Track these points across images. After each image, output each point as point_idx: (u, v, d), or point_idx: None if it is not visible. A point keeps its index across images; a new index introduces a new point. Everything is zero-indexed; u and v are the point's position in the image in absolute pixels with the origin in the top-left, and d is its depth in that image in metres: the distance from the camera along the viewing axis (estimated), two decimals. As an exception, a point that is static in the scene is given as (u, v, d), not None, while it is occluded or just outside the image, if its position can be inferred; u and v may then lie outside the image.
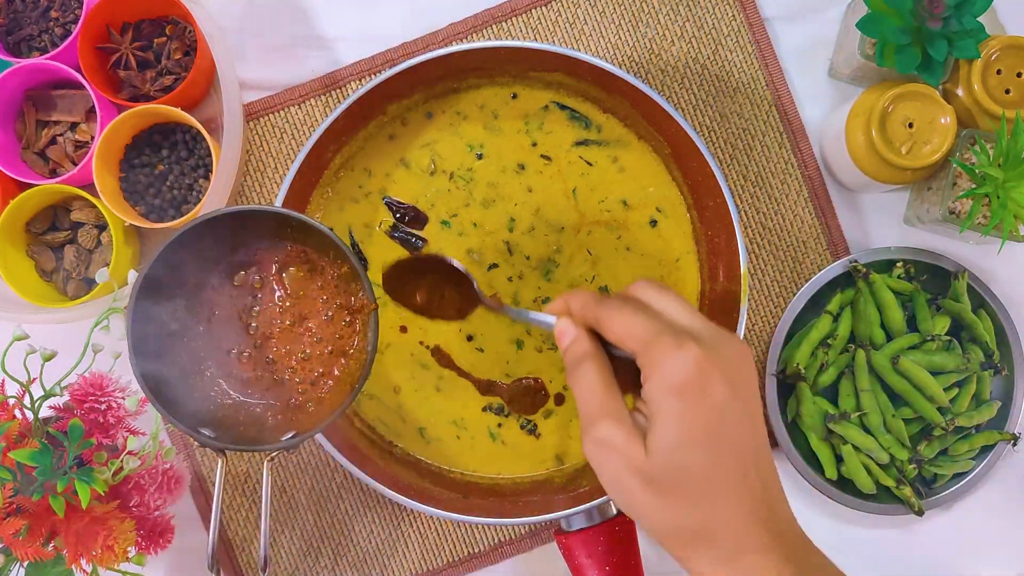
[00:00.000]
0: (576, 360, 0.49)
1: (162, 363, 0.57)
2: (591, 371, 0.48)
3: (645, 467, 0.45)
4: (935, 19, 0.63)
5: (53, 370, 0.63)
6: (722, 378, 0.45)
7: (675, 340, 0.45)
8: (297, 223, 0.58)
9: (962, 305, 0.72)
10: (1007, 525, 0.76)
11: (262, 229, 0.59)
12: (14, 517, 0.59)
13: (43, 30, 0.72)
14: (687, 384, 0.44)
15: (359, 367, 0.59)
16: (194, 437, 0.55)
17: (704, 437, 0.44)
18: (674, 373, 0.44)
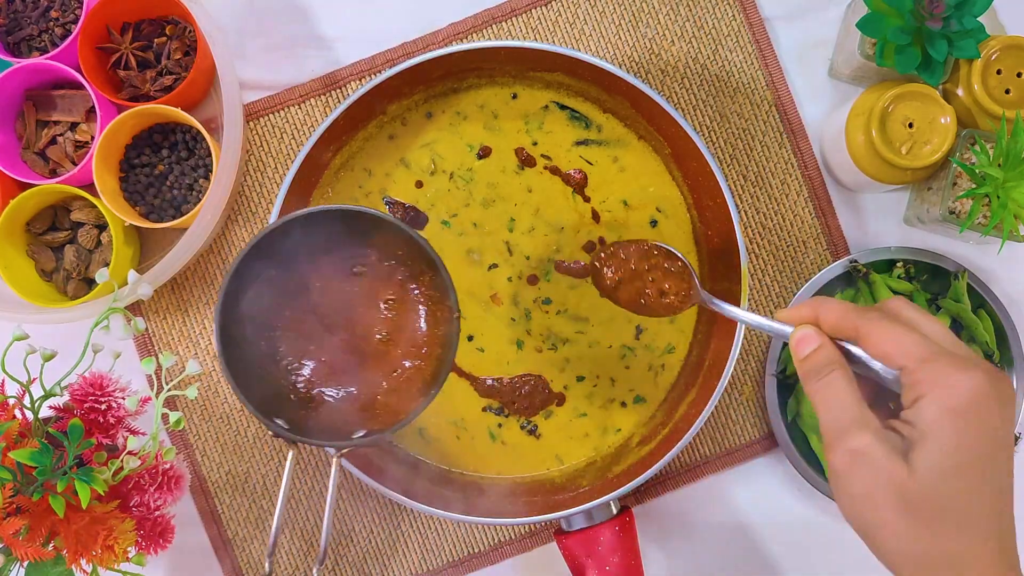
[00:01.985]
0: (820, 368, 0.47)
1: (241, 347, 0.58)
2: (842, 380, 0.46)
3: (908, 487, 0.43)
4: (935, 19, 0.63)
5: (53, 370, 0.63)
6: (999, 409, 0.43)
7: (960, 361, 0.43)
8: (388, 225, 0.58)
9: (962, 305, 0.72)
10: (1007, 525, 0.75)
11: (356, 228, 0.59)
12: (14, 517, 0.59)
13: (43, 30, 0.72)
14: (970, 408, 0.42)
15: (435, 372, 0.60)
16: (269, 427, 0.56)
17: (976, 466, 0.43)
18: (958, 394, 0.43)
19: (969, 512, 0.43)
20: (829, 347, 0.48)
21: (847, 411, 0.45)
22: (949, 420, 0.43)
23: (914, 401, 0.44)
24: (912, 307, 0.48)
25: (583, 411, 0.72)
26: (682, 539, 0.76)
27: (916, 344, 0.45)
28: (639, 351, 0.72)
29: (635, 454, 0.70)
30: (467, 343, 0.72)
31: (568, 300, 0.72)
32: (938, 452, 0.42)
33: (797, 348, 0.49)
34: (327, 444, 0.57)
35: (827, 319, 0.49)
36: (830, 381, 0.46)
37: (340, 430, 0.59)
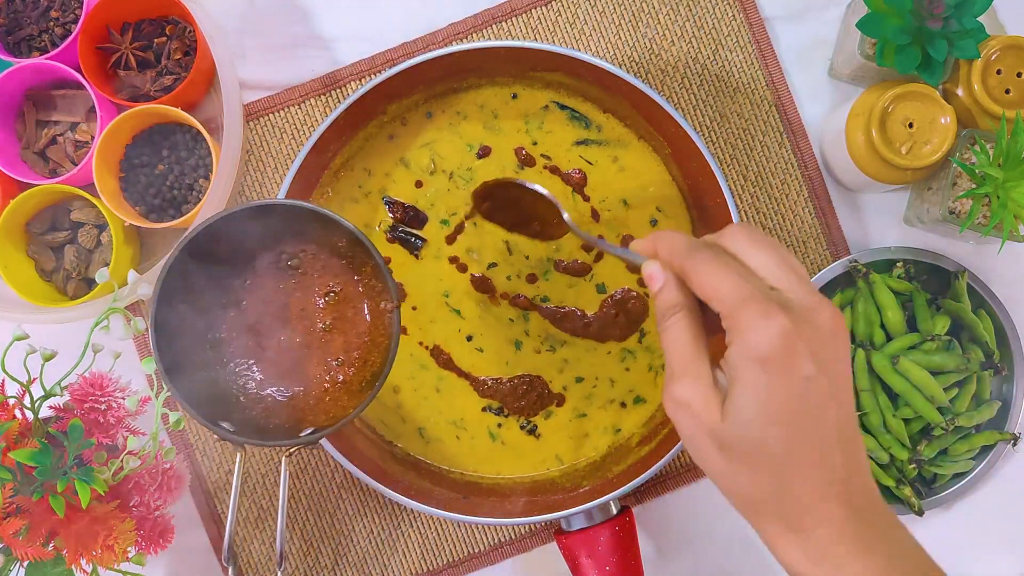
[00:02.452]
0: (664, 310, 0.47)
1: (184, 351, 0.57)
2: (679, 324, 0.46)
3: (720, 432, 0.44)
4: (935, 19, 0.63)
5: (53, 370, 0.63)
6: (808, 353, 0.42)
7: (762, 308, 0.43)
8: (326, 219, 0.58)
9: (962, 305, 0.72)
10: (1007, 525, 0.76)
11: (296, 223, 0.59)
12: (14, 517, 0.59)
13: (43, 30, 0.72)
14: (770, 358, 0.42)
15: (380, 365, 0.60)
16: (213, 430, 0.56)
17: (783, 414, 0.43)
18: (758, 344, 0.42)
19: (784, 457, 0.43)
20: (672, 287, 0.47)
21: (678, 356, 0.46)
22: (750, 369, 0.43)
23: (728, 346, 0.44)
24: (747, 233, 0.47)
25: (583, 411, 0.72)
26: (682, 539, 0.76)
27: (732, 287, 0.44)
28: (639, 352, 0.72)
29: (635, 454, 0.70)
30: (466, 343, 0.72)
31: (567, 299, 0.72)
32: (742, 400, 0.43)
33: (648, 284, 0.49)
34: (273, 444, 0.57)
35: (661, 254, 0.48)
36: (670, 325, 0.46)
37: (288, 429, 0.58)
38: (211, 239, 0.57)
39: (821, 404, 0.43)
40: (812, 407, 0.43)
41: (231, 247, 0.59)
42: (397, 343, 0.59)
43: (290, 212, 0.58)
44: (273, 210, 0.58)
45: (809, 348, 0.43)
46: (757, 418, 0.43)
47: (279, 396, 0.60)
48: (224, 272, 0.59)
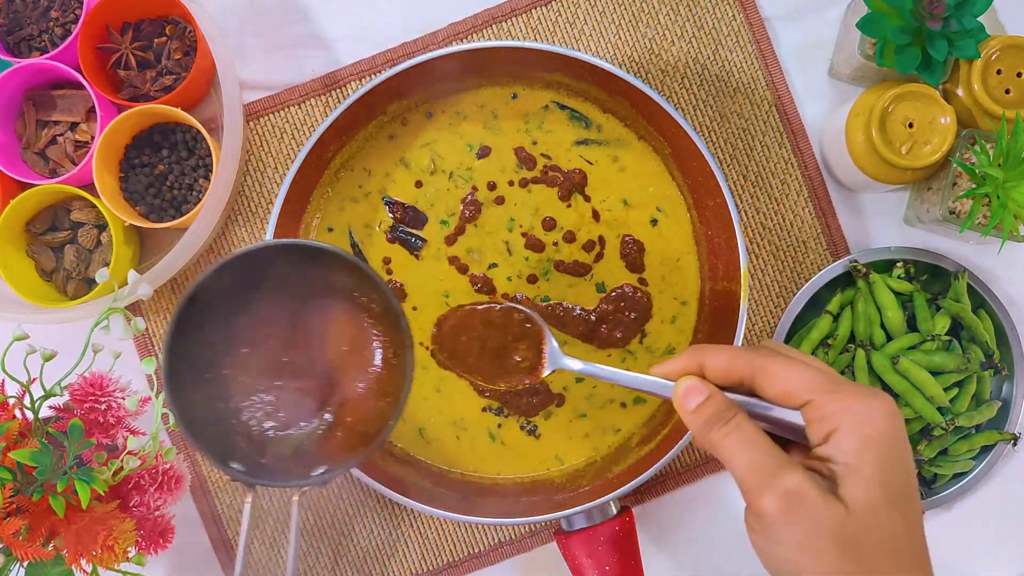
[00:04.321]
0: (719, 415, 0.44)
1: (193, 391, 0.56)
2: (749, 423, 0.43)
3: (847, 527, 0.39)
4: (935, 19, 0.63)
5: (53, 370, 0.63)
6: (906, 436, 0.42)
7: (864, 389, 0.41)
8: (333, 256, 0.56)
9: (962, 305, 0.72)
10: (1007, 525, 0.76)
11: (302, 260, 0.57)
12: (14, 517, 0.59)
13: (43, 30, 0.72)
14: (887, 435, 0.40)
15: (393, 402, 0.58)
16: (225, 471, 0.54)
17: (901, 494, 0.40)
18: (874, 422, 0.40)
19: (903, 543, 0.40)
20: (720, 394, 0.45)
21: (766, 453, 0.42)
22: (871, 449, 0.40)
23: (827, 435, 0.41)
24: (786, 346, 0.47)
25: (583, 411, 0.72)
26: (682, 539, 0.76)
27: (818, 376, 0.42)
28: (639, 353, 0.72)
29: (635, 454, 0.70)
30: (467, 343, 0.72)
31: (567, 299, 0.72)
32: (867, 484, 0.40)
33: (684, 401, 0.46)
34: (286, 484, 0.55)
35: (715, 366, 0.46)
36: (736, 426, 0.43)
37: (299, 468, 0.57)
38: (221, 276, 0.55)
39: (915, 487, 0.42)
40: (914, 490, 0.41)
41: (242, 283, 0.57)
42: (411, 380, 0.57)
43: (306, 252, 0.57)
44: (293, 250, 0.57)
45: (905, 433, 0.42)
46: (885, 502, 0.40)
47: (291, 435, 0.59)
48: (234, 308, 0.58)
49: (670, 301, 0.72)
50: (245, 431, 0.58)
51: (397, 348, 0.59)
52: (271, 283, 0.58)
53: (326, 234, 0.72)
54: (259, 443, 0.58)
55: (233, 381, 0.58)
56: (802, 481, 0.40)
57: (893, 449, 0.40)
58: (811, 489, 0.40)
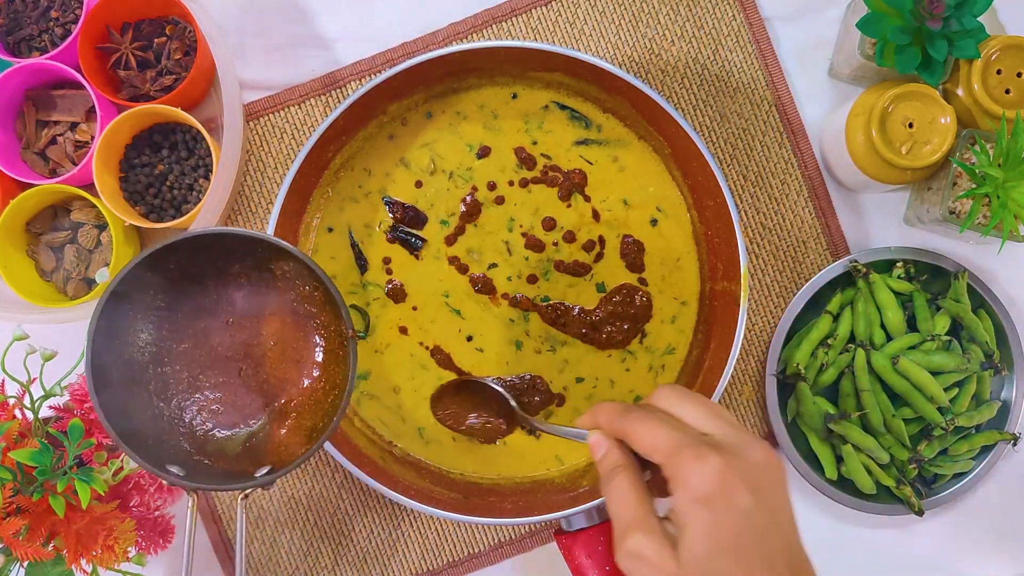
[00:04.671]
0: (608, 472, 0.50)
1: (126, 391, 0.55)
2: (623, 483, 0.49)
3: None
4: (935, 19, 0.63)
5: (53, 370, 0.63)
6: (744, 486, 0.45)
7: (696, 452, 0.45)
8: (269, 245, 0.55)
9: (962, 305, 0.72)
10: (1007, 525, 0.76)
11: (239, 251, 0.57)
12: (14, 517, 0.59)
13: (43, 30, 0.72)
14: (710, 494, 0.45)
15: (339, 395, 0.57)
16: (161, 477, 0.53)
17: (731, 545, 0.44)
18: (697, 485, 0.45)
19: None
20: (614, 451, 0.50)
21: (626, 512, 0.48)
22: (693, 510, 0.45)
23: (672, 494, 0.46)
24: (674, 391, 0.50)
25: (583, 411, 0.72)
26: (682, 539, 0.76)
27: (665, 438, 0.47)
28: (639, 353, 0.72)
29: (635, 454, 0.70)
30: (467, 343, 0.72)
31: (567, 299, 0.72)
32: (692, 542, 0.44)
33: (592, 453, 0.52)
34: (228, 488, 0.54)
35: (601, 423, 0.51)
36: (614, 485, 0.49)
37: (246, 467, 0.56)
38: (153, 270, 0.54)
39: (763, 531, 0.45)
40: (755, 535, 0.45)
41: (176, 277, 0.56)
42: (354, 374, 0.57)
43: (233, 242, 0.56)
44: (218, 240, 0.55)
45: (744, 481, 0.45)
46: (709, 553, 0.44)
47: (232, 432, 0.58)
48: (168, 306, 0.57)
49: (670, 301, 0.72)
50: (188, 431, 0.57)
51: (341, 339, 0.58)
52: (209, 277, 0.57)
53: (326, 234, 0.72)
54: (203, 443, 0.57)
55: (173, 380, 0.57)
56: (641, 542, 0.46)
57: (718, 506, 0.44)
58: (648, 548, 0.46)
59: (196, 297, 0.58)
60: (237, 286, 0.58)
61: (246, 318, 0.59)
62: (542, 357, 0.72)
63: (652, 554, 0.46)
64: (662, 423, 0.48)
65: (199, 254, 0.56)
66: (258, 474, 0.55)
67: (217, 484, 0.55)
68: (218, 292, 0.58)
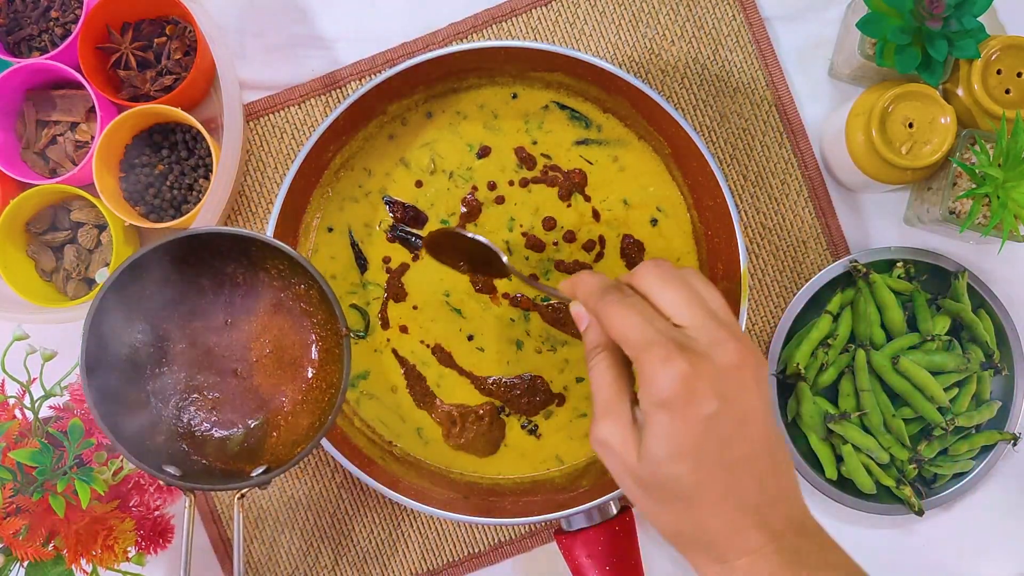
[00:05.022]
0: (589, 350, 0.49)
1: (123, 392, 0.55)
2: (601, 365, 0.48)
3: (637, 471, 0.46)
4: (935, 19, 0.63)
5: (53, 370, 0.63)
6: (710, 391, 0.44)
7: (663, 353, 0.44)
8: (263, 244, 0.56)
9: (962, 305, 0.72)
10: (1007, 525, 0.76)
11: (233, 251, 0.57)
12: (14, 517, 0.59)
13: (43, 30, 0.72)
14: (673, 399, 0.44)
15: (335, 393, 0.57)
16: (159, 477, 0.53)
17: (687, 451, 0.44)
18: (660, 388, 0.44)
19: (696, 492, 0.45)
20: (595, 328, 0.49)
21: (601, 396, 0.47)
22: (655, 412, 0.44)
23: (639, 390, 0.46)
24: (657, 272, 0.48)
25: (583, 411, 0.72)
26: (682, 539, 0.76)
27: (635, 331, 0.45)
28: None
29: (635, 454, 0.70)
30: (467, 342, 0.72)
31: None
32: (652, 442, 0.45)
33: (576, 322, 0.51)
34: (224, 488, 0.55)
35: (580, 298, 0.50)
36: (593, 365, 0.48)
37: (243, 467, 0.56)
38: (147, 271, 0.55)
39: (727, 438, 0.45)
40: (716, 442, 0.44)
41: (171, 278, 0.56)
42: (349, 372, 0.57)
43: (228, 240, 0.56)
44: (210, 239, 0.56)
45: (711, 385, 0.44)
46: (665, 458, 0.44)
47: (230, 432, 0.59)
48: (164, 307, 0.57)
49: (670, 301, 0.72)
50: (186, 431, 0.57)
51: (337, 338, 0.58)
52: (205, 277, 0.57)
53: (326, 234, 0.72)
54: (201, 443, 0.57)
55: (170, 380, 0.57)
56: (609, 431, 0.46)
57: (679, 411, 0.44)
58: (614, 437, 0.46)
59: (192, 298, 0.58)
60: (233, 286, 0.58)
61: (243, 318, 0.59)
62: (542, 357, 0.72)
63: (617, 444, 0.46)
64: (634, 313, 0.46)
65: (194, 254, 0.56)
66: (254, 474, 0.55)
67: (214, 484, 0.55)
68: (214, 293, 0.58)
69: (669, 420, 0.44)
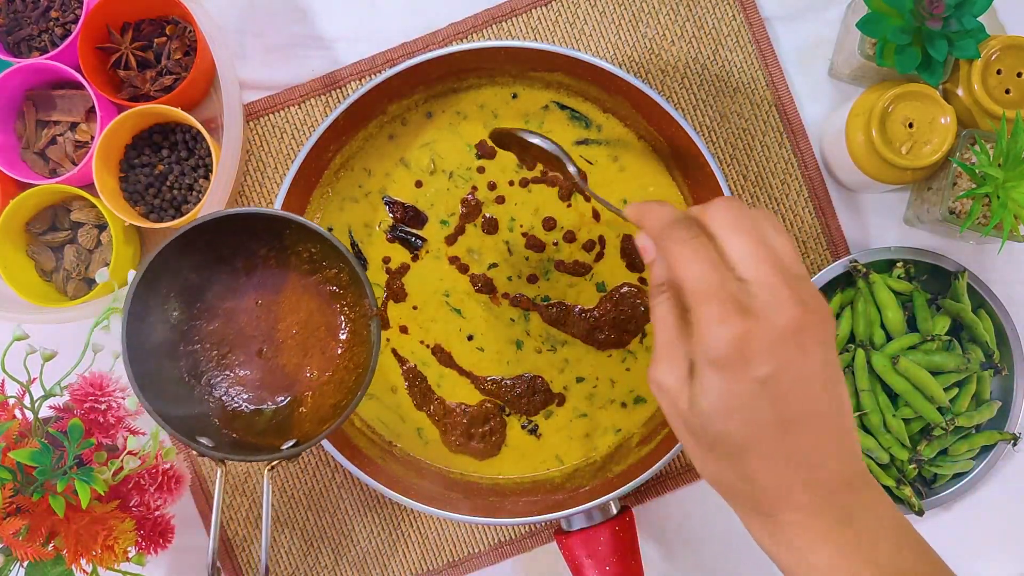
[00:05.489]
0: (655, 285, 0.47)
1: (158, 367, 0.56)
2: (664, 305, 0.46)
3: (689, 420, 0.45)
4: (935, 19, 0.63)
5: (53, 370, 0.63)
6: (766, 354, 0.42)
7: (720, 311, 0.42)
8: (298, 227, 0.57)
9: (962, 305, 0.72)
10: (1007, 525, 0.76)
11: (266, 232, 0.58)
12: (14, 517, 0.59)
13: (43, 30, 0.71)
14: (724, 360, 0.42)
15: (362, 373, 0.59)
16: (192, 447, 0.55)
17: (739, 409, 0.43)
18: (713, 347, 0.42)
19: (742, 449, 0.44)
20: (661, 263, 0.48)
21: (661, 338, 0.46)
22: (706, 369, 0.43)
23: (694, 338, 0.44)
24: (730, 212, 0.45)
25: (583, 411, 0.72)
26: (682, 539, 0.76)
27: (699, 278, 0.43)
28: (639, 353, 0.72)
29: (635, 454, 0.70)
30: (467, 342, 0.72)
31: (567, 299, 0.72)
32: (702, 395, 0.43)
33: (643, 254, 0.50)
34: (254, 459, 0.56)
35: (646, 228, 0.48)
36: (657, 304, 0.47)
37: (270, 442, 0.57)
38: (184, 250, 0.56)
39: (780, 398, 0.43)
40: (769, 403, 0.43)
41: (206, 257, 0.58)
42: (378, 353, 0.58)
43: (262, 221, 0.57)
44: (245, 219, 0.57)
45: (767, 348, 0.42)
46: (715, 413, 0.43)
47: (259, 408, 0.60)
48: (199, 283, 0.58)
49: (670, 301, 0.72)
50: (217, 407, 0.58)
51: (364, 319, 0.59)
52: (239, 258, 0.59)
53: (326, 234, 0.72)
54: (231, 418, 0.58)
55: (203, 357, 0.59)
56: (665, 374, 0.45)
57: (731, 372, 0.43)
58: (669, 381, 0.45)
59: (226, 278, 0.59)
60: (265, 268, 0.60)
61: (274, 299, 0.60)
62: (542, 356, 0.72)
63: (672, 389, 0.45)
64: (698, 255, 0.44)
65: (229, 235, 0.57)
66: (284, 447, 0.56)
67: (245, 455, 0.56)
68: (247, 274, 0.60)
69: (719, 379, 0.43)
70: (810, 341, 0.43)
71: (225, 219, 0.56)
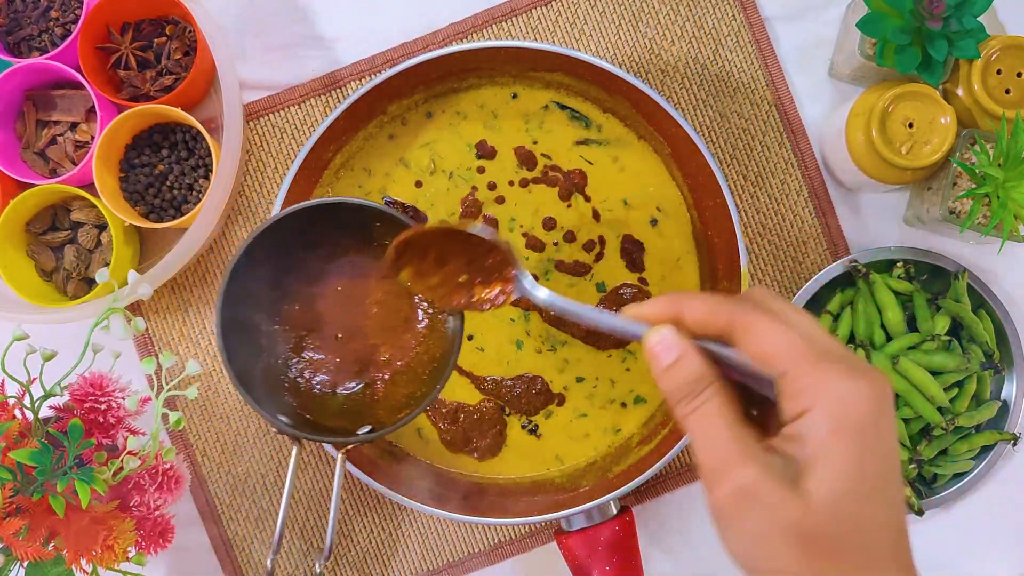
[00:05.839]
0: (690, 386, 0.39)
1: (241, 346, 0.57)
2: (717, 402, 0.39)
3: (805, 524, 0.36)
4: (935, 19, 0.63)
5: (53, 370, 0.63)
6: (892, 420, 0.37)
7: (847, 367, 0.36)
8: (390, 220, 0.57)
9: (962, 305, 0.72)
10: (1007, 525, 0.76)
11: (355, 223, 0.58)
12: (14, 517, 0.59)
13: (43, 30, 0.71)
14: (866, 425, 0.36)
15: (436, 367, 0.59)
16: (273, 424, 0.56)
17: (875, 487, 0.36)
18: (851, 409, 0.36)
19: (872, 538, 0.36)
20: (695, 357, 0.39)
21: (727, 441, 0.38)
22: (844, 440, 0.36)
23: (799, 414, 0.37)
24: (776, 296, 0.41)
25: (583, 411, 0.72)
26: (682, 539, 0.76)
27: (797, 345, 0.37)
28: (639, 353, 0.72)
29: (635, 454, 0.70)
30: (467, 342, 0.72)
31: (568, 300, 0.72)
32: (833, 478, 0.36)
33: (656, 355, 0.40)
34: (330, 440, 0.58)
35: (693, 315, 0.40)
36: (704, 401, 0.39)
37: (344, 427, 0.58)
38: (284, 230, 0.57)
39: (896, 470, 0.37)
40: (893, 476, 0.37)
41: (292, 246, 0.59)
42: (460, 344, 0.57)
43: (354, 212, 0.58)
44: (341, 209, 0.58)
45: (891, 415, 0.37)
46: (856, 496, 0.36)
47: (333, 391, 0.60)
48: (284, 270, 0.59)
49: (670, 301, 0.72)
50: (293, 387, 0.59)
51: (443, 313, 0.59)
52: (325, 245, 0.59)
53: (326, 234, 0.72)
54: (306, 400, 0.59)
55: (281, 338, 0.59)
56: (757, 478, 0.37)
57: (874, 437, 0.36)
58: (766, 484, 0.37)
59: (310, 263, 0.60)
60: (350, 257, 0.60)
61: (354, 287, 0.61)
62: (542, 357, 0.72)
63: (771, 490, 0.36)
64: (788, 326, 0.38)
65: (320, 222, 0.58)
66: (360, 432, 0.57)
67: (323, 436, 0.57)
68: (331, 260, 0.60)
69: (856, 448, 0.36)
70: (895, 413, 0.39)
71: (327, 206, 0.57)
